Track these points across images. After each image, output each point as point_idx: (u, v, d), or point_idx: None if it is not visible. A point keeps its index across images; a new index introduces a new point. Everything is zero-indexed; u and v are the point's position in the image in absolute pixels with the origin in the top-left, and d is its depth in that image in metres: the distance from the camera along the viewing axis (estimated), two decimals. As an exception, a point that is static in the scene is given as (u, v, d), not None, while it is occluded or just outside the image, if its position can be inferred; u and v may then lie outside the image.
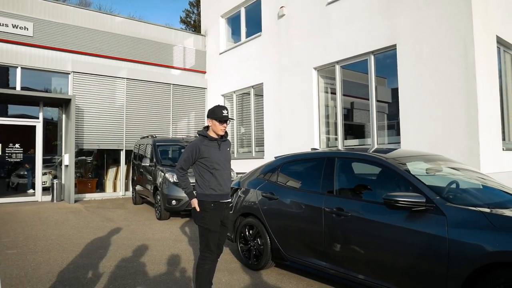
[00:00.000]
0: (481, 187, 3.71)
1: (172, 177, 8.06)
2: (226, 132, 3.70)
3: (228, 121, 3.65)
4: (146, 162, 9.31)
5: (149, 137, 10.45)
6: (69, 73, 12.04)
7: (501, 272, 2.58)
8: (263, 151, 11.49)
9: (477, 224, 2.77)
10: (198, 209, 3.54)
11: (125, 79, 13.01)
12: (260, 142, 12.04)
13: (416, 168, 3.62)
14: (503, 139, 7.69)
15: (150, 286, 4.15)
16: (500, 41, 7.87)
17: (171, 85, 13.99)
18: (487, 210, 2.89)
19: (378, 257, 3.33)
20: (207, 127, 3.70)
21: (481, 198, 3.39)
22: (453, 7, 7.08)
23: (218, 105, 3.73)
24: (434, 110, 7.28)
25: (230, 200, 3.71)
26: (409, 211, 3.12)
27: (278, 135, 10.96)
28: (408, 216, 3.13)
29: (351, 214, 3.57)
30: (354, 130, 9.65)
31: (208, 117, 3.65)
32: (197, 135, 3.74)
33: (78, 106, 11.89)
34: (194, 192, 3.63)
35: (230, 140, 4.24)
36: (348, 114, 9.73)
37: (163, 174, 8.37)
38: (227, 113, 3.62)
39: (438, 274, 2.87)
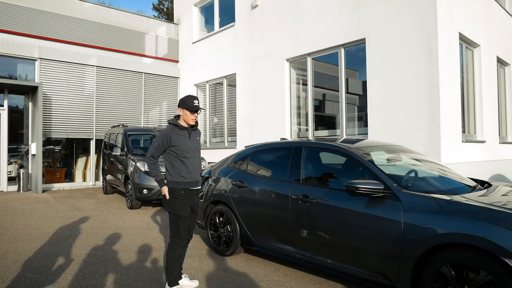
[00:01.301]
0: (437, 175, 3.97)
1: (143, 166, 8.06)
2: (196, 122, 3.78)
3: (199, 111, 3.73)
4: (117, 151, 9.23)
5: (120, 126, 10.33)
6: (36, 60, 11.66)
7: (447, 252, 2.82)
8: (236, 141, 11.60)
9: (428, 209, 3.00)
10: (168, 196, 3.62)
11: (95, 67, 12.73)
12: (232, 132, 12.13)
13: (378, 158, 3.83)
14: (463, 131, 8.11)
15: (121, 273, 4.20)
16: (462, 38, 8.24)
17: (143, 73, 13.81)
18: (438, 196, 3.13)
19: (340, 241, 3.53)
20: (177, 116, 3.77)
21: (435, 186, 3.65)
22: (419, 3, 7.35)
23: (189, 95, 3.80)
24: (399, 103, 7.58)
25: (199, 187, 3.81)
26: (369, 197, 3.32)
27: (250, 125, 11.07)
28: (368, 202, 3.33)
29: (316, 201, 3.75)
30: (325, 121, 9.89)
31: (179, 106, 3.72)
32: (168, 124, 3.80)
33: (46, 94, 11.57)
34: (165, 180, 3.70)
35: (200, 129, 4.31)
36: (319, 106, 9.95)
37: (134, 163, 8.33)
38: (198, 103, 3.71)
39: (394, 255, 3.09)
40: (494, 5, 9.83)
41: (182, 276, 3.79)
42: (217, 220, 4.90)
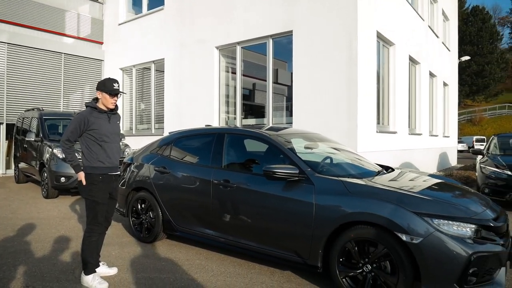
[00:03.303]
0: (349, 161, 4.30)
1: (61, 153, 7.59)
2: (116, 105, 3.67)
3: (118, 95, 3.62)
4: (31, 137, 8.56)
5: (35, 109, 9.57)
6: None
7: (352, 230, 3.10)
8: (163, 128, 11.36)
9: (337, 191, 3.26)
10: (84, 182, 3.49)
11: (6, 44, 11.57)
12: (160, 119, 11.86)
13: (296, 145, 4.05)
14: (378, 123, 8.80)
15: (33, 264, 3.97)
16: (380, 36, 8.88)
17: (63, 54, 12.86)
18: (346, 179, 3.41)
19: (259, 224, 3.69)
20: (96, 99, 3.62)
21: (346, 170, 3.97)
22: (342, 0, 7.76)
23: (109, 77, 3.67)
24: (322, 95, 7.99)
25: (118, 172, 3.72)
26: (285, 181, 3.51)
27: (178, 112, 10.91)
28: (285, 186, 3.52)
29: (236, 186, 3.86)
30: (254, 110, 10.09)
31: (97, 89, 3.57)
32: (86, 106, 3.63)
33: None
34: (81, 165, 3.55)
35: (127, 116, 4.17)
36: (249, 95, 10.11)
37: (50, 149, 7.81)
38: (118, 86, 3.59)
39: (306, 235, 3.32)
40: (408, 8, 10.71)
41: (100, 264, 3.69)
42: (139, 206, 4.82)
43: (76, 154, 3.57)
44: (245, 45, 9.61)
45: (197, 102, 10.39)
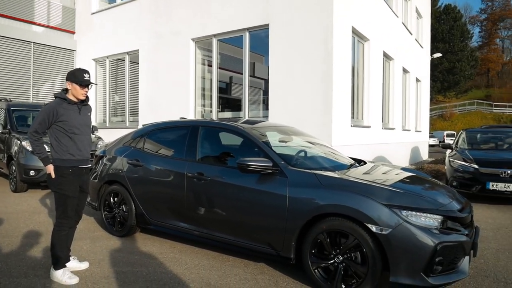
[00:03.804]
0: (322, 155, 4.36)
1: (29, 146, 7.35)
2: (87, 97, 3.58)
3: (89, 86, 3.53)
4: (-2, 129, 8.25)
5: (3, 100, 9.22)
6: None
7: (324, 222, 3.15)
8: (138, 121, 11.16)
9: (310, 184, 3.30)
10: (53, 175, 3.39)
11: (-30, 31, 11.07)
12: (134, 111, 11.65)
13: (270, 138, 4.07)
14: (352, 117, 8.94)
15: (0, 260, 3.86)
16: (355, 32, 8.99)
17: (32, 43, 12.39)
18: (319, 172, 3.46)
19: (233, 216, 3.70)
20: (65, 90, 3.52)
21: (319, 163, 4.02)
22: (318, -4, 7.79)
23: (79, 68, 3.58)
24: (297, 89, 8.03)
25: (89, 165, 3.64)
26: (259, 174, 3.53)
27: (153, 105, 10.75)
28: (259, 178, 3.54)
29: (210, 178, 3.85)
30: (231, 103, 10.05)
31: (67, 80, 3.47)
32: (55, 97, 3.52)
33: None
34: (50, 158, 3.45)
35: (100, 108, 4.06)
36: (226, 88, 10.05)
37: (19, 142, 7.56)
38: (89, 77, 3.50)
39: (279, 227, 3.35)
40: (383, 4, 10.88)
41: (70, 258, 3.62)
42: (112, 200, 4.74)
43: (44, 146, 3.47)
44: (221, 37, 9.53)
45: (173, 94, 10.26)
